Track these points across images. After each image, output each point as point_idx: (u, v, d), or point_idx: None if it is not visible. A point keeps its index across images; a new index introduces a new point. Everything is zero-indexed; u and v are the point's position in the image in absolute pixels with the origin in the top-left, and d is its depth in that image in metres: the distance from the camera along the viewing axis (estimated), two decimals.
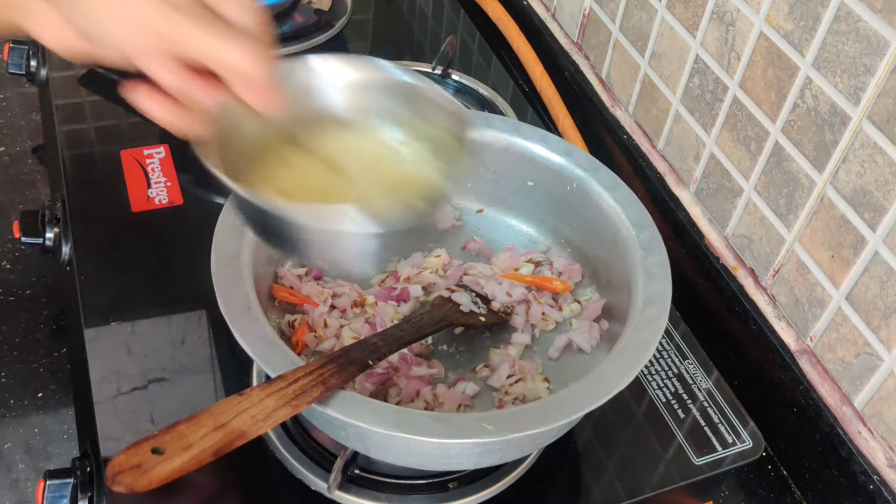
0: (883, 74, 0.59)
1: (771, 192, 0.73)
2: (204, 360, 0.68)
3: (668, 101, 0.84)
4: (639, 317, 0.59)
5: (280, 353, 0.53)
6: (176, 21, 0.45)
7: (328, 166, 0.56)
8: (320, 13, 1.05)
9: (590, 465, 0.67)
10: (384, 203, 0.53)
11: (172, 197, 0.80)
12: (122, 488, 0.48)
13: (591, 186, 0.68)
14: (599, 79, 0.97)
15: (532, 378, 0.65)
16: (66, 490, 0.62)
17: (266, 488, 0.62)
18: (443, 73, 0.99)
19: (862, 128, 0.62)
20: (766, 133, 0.72)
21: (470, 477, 0.63)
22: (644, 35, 0.86)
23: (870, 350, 0.65)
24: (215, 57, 0.46)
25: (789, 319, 0.73)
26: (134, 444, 0.49)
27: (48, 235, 0.80)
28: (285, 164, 0.55)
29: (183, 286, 0.73)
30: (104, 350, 0.68)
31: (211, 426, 0.49)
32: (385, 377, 0.62)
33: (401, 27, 1.13)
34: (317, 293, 0.67)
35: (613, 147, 0.93)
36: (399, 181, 0.56)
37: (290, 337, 0.64)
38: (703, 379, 0.72)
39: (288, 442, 0.63)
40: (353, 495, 0.61)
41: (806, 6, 0.65)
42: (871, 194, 0.62)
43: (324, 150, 0.56)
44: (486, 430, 0.51)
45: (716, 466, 0.67)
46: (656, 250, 0.63)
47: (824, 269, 0.68)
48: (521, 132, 0.70)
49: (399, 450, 0.56)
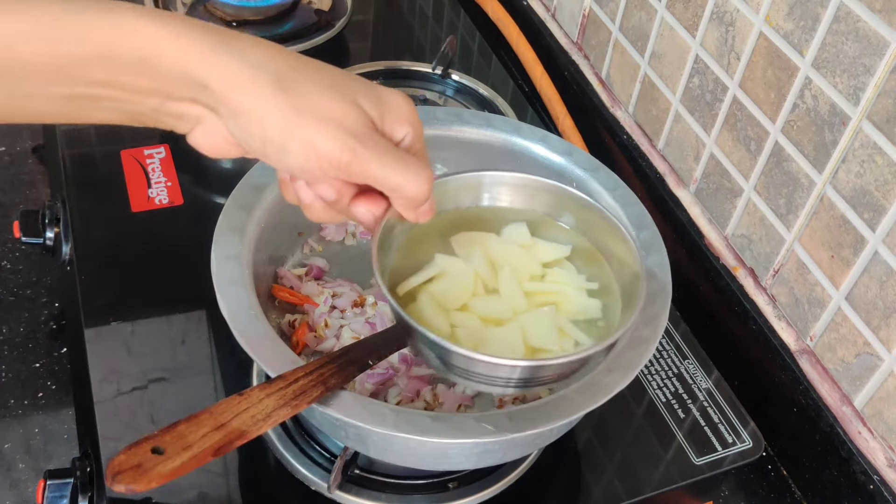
0: (882, 74, 0.59)
1: (771, 192, 0.73)
2: (204, 360, 0.68)
3: (668, 101, 0.84)
4: (639, 317, 0.59)
5: (280, 353, 0.53)
6: (353, 149, 0.45)
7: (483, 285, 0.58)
8: (320, 13, 1.05)
9: (590, 465, 0.67)
10: (545, 336, 0.55)
11: (172, 197, 0.80)
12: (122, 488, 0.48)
13: (591, 186, 0.67)
14: (599, 79, 0.97)
15: None
16: (66, 490, 0.62)
17: (266, 488, 0.62)
18: (443, 73, 0.99)
19: (861, 128, 0.62)
20: (765, 133, 0.72)
21: (470, 477, 0.63)
22: (644, 35, 0.86)
23: (870, 350, 0.65)
24: (383, 181, 0.47)
25: (789, 319, 0.73)
26: (134, 444, 0.49)
27: (48, 235, 0.80)
28: (441, 272, 0.58)
29: (183, 286, 0.73)
30: (104, 350, 0.68)
31: (211, 426, 0.49)
32: (385, 377, 0.62)
33: (401, 27, 1.13)
34: (317, 293, 0.67)
35: (613, 147, 0.93)
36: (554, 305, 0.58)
37: (290, 337, 0.64)
38: (703, 379, 0.72)
39: (288, 442, 0.64)
40: (353, 495, 0.61)
41: (805, 6, 0.65)
42: (871, 194, 0.62)
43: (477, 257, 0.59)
44: (486, 430, 0.51)
45: (716, 466, 0.67)
46: (656, 250, 0.63)
47: (824, 269, 0.68)
48: (521, 132, 0.70)
49: (399, 450, 0.56)
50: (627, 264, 0.57)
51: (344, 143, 0.45)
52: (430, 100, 0.98)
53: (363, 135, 0.46)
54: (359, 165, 0.45)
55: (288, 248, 0.69)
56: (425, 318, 0.55)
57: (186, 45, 0.43)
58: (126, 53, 0.42)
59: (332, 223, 0.52)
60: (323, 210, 0.51)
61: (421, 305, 0.56)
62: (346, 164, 0.45)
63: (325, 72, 0.47)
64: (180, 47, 0.43)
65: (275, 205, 0.63)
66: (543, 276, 0.59)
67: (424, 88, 1.00)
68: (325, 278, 0.69)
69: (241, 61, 0.44)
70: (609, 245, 0.59)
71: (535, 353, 0.55)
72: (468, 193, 0.60)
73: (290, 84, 0.44)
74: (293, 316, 0.66)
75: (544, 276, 0.59)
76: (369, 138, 0.46)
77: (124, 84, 0.43)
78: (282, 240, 0.67)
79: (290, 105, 0.44)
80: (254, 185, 0.62)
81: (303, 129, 0.44)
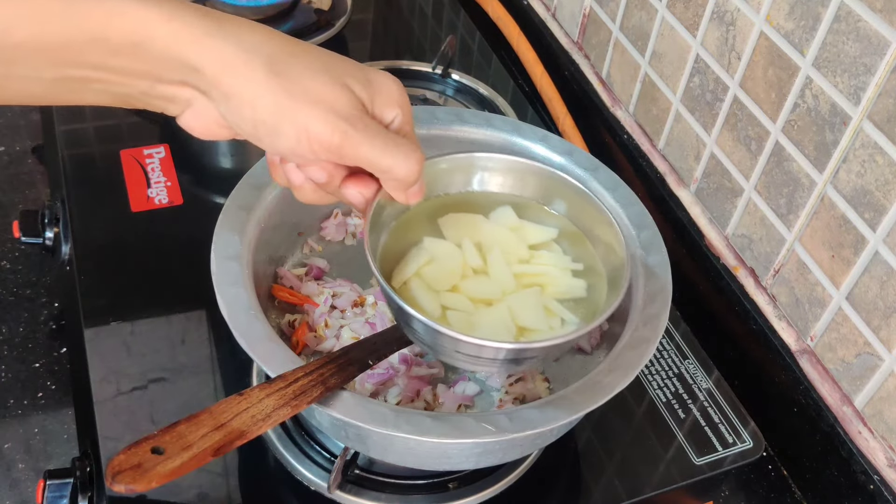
0: (883, 74, 0.59)
1: (771, 192, 0.72)
2: (204, 360, 0.68)
3: (669, 101, 0.84)
4: (639, 317, 0.59)
5: (280, 353, 0.53)
6: (344, 132, 0.45)
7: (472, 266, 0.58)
8: (320, 13, 1.05)
9: (590, 465, 0.67)
10: (532, 316, 0.56)
11: (172, 197, 0.80)
12: (122, 488, 0.48)
13: (591, 186, 0.67)
14: (599, 78, 0.97)
15: (532, 378, 0.65)
16: (65, 490, 0.62)
17: (266, 488, 0.62)
18: (443, 72, 0.99)
19: (862, 128, 0.62)
20: (766, 133, 0.72)
21: (470, 477, 0.63)
22: (644, 35, 0.86)
23: (870, 350, 0.65)
24: (374, 163, 0.47)
25: (789, 319, 0.73)
26: (134, 444, 0.49)
27: (48, 235, 0.80)
28: (432, 255, 0.58)
29: (183, 286, 0.73)
30: (104, 350, 0.68)
31: (211, 426, 0.49)
32: (385, 377, 0.62)
33: (401, 27, 1.13)
34: (317, 293, 0.67)
35: (614, 147, 0.93)
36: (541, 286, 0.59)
37: (290, 337, 0.64)
38: (704, 379, 0.72)
39: (288, 442, 0.63)
40: (353, 495, 0.61)
41: (806, 6, 0.65)
42: (872, 194, 0.62)
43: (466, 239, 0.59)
44: (486, 430, 0.50)
45: (716, 466, 0.67)
46: (656, 250, 0.63)
47: (824, 269, 0.68)
48: (521, 132, 0.70)
49: (399, 450, 0.56)
50: (614, 248, 0.57)
51: (335, 125, 0.45)
52: (430, 99, 0.98)
53: (354, 117, 0.46)
54: (350, 148, 0.46)
55: (288, 248, 0.69)
56: (417, 300, 0.56)
57: (178, 27, 0.42)
58: (117, 36, 0.42)
59: (323, 204, 0.53)
60: (313, 192, 0.51)
61: (412, 288, 0.57)
62: (338, 147, 0.45)
63: (318, 55, 0.47)
64: (172, 30, 0.42)
65: (275, 205, 0.63)
66: (531, 258, 0.60)
67: (424, 88, 1.00)
68: (325, 278, 0.69)
69: (236, 45, 0.44)
70: (596, 230, 0.59)
71: (525, 332, 0.56)
72: (458, 176, 0.61)
73: (282, 67, 0.44)
74: (293, 316, 0.66)
75: (531, 258, 0.60)
76: (360, 121, 0.46)
77: (115, 67, 0.43)
78: (282, 240, 0.67)
79: (282, 88, 0.44)
80: (254, 185, 0.62)
81: (295, 112, 0.44)
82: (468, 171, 0.61)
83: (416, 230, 0.59)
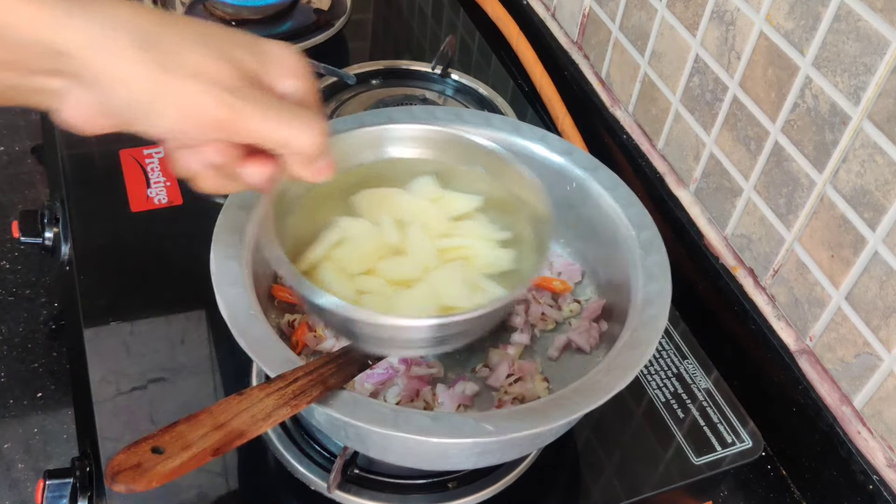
0: (883, 74, 0.59)
1: (771, 192, 0.73)
2: (204, 360, 0.68)
3: (668, 101, 0.84)
4: (638, 317, 0.59)
5: (280, 352, 0.53)
6: (230, 105, 0.42)
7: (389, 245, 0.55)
8: (319, 13, 1.05)
9: (589, 465, 0.67)
10: (456, 293, 0.53)
11: (172, 197, 0.80)
12: (122, 488, 0.48)
13: (590, 186, 0.67)
14: (599, 78, 0.97)
15: (531, 378, 0.65)
16: (65, 490, 0.62)
17: (266, 488, 0.62)
18: (442, 72, 0.99)
19: (862, 127, 0.62)
20: (765, 133, 0.72)
21: (469, 477, 0.63)
22: (644, 34, 0.86)
23: (869, 350, 0.65)
24: (269, 137, 0.44)
25: (789, 319, 0.73)
26: (133, 444, 0.49)
27: (48, 235, 0.80)
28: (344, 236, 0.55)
29: (183, 286, 0.73)
30: (104, 350, 0.68)
31: (210, 426, 0.49)
32: (385, 377, 0.62)
33: (400, 27, 1.13)
34: None
35: (613, 147, 0.93)
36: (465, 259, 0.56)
37: (290, 337, 0.64)
38: (703, 379, 0.72)
39: (288, 442, 0.63)
40: (353, 495, 0.61)
41: (806, 5, 0.65)
42: (871, 194, 0.62)
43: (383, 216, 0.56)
44: (485, 430, 0.50)
45: (715, 466, 0.67)
46: (656, 250, 0.63)
47: (824, 269, 0.68)
48: (520, 132, 0.70)
49: (399, 450, 0.56)
50: (537, 209, 0.55)
51: (219, 99, 0.42)
52: (430, 99, 0.98)
53: (240, 89, 0.42)
54: (238, 121, 0.42)
55: None
56: (327, 286, 0.52)
57: (37, 9, 0.39)
58: None
59: (228, 192, 0.49)
60: (214, 178, 0.47)
61: (322, 273, 0.53)
62: (225, 122, 0.42)
63: (196, 26, 0.44)
64: (30, 13, 0.39)
65: None
66: (453, 230, 0.57)
67: (424, 88, 1.00)
68: None
69: (101, 23, 0.40)
70: (518, 191, 0.57)
71: (448, 311, 0.53)
72: (372, 150, 0.57)
73: (155, 41, 0.41)
74: (293, 316, 0.66)
75: (454, 231, 0.57)
76: (247, 92, 0.43)
77: None
78: None
79: (155, 63, 0.41)
80: None
81: (172, 87, 0.41)
82: (381, 144, 0.57)
83: (330, 210, 0.56)
